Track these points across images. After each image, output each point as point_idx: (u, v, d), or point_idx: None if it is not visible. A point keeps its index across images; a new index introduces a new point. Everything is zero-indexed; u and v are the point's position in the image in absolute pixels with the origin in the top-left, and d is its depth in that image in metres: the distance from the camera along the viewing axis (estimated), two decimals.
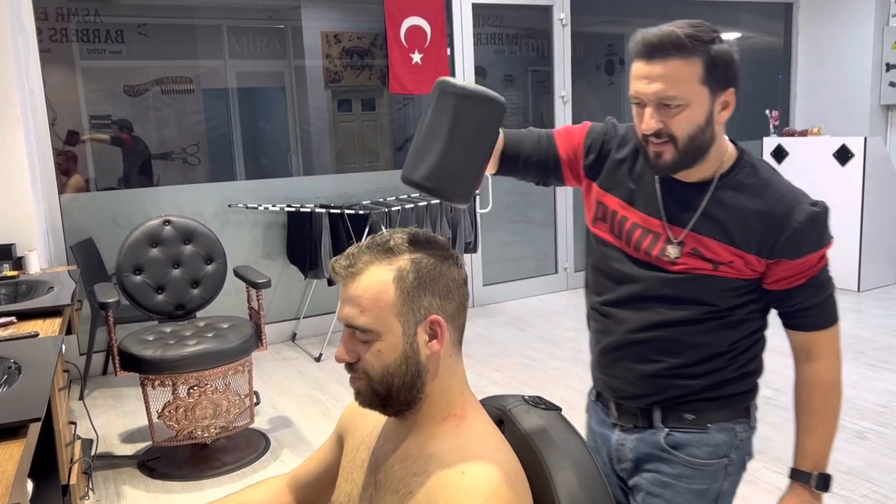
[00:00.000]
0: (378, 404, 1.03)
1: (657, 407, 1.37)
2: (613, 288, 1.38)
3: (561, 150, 1.45)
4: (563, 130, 1.47)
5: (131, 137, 5.19)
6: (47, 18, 4.61)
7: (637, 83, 1.24)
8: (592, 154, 1.42)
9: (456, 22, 5.13)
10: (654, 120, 1.23)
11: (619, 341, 1.38)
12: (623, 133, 1.41)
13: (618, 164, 1.39)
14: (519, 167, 1.45)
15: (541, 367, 4.11)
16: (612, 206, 1.39)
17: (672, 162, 1.25)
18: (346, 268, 1.01)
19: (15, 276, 2.95)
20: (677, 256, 1.30)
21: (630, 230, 1.36)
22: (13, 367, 1.74)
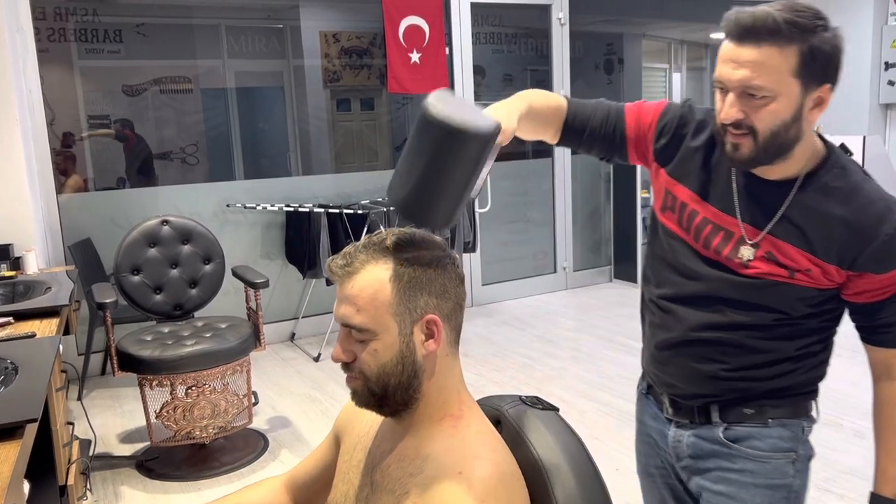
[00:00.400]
0: (374, 404, 1.03)
1: (715, 404, 1.30)
2: (676, 282, 1.30)
3: (629, 129, 1.35)
4: (636, 107, 1.37)
5: (133, 135, 5.19)
6: (45, 18, 4.60)
7: (722, 67, 1.14)
8: (664, 138, 1.32)
9: (454, 21, 5.13)
10: (735, 109, 1.14)
11: (678, 338, 1.31)
12: (700, 118, 1.30)
13: (692, 153, 1.29)
14: (583, 141, 1.38)
15: (539, 366, 4.11)
16: (682, 197, 1.29)
17: (749, 156, 1.16)
18: (342, 267, 1.01)
19: (13, 276, 2.95)
20: (750, 259, 1.22)
21: (700, 225, 1.27)
22: (10, 367, 1.74)
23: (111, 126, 5.12)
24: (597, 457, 1.07)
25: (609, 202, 6.03)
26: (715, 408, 1.30)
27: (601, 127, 1.36)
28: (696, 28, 7.34)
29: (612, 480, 2.98)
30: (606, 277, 6.09)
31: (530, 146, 6.49)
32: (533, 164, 5.95)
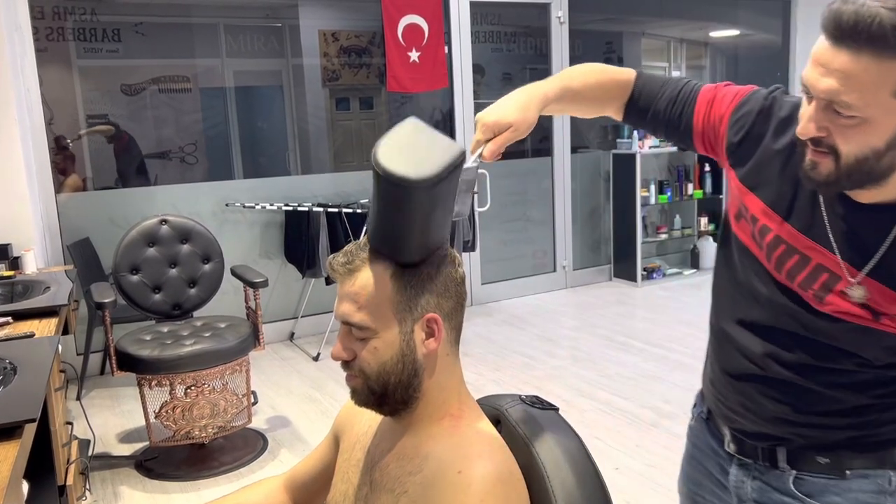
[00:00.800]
0: (374, 403, 1.03)
1: (782, 447, 1.12)
2: (741, 305, 1.13)
3: (696, 117, 1.15)
4: (711, 92, 1.16)
5: (125, 135, 5.17)
6: (44, 17, 4.60)
7: (811, 69, 0.90)
8: (738, 135, 1.10)
9: (454, 20, 5.12)
10: (815, 125, 0.92)
11: (740, 370, 1.13)
12: (786, 114, 1.06)
13: (770, 157, 1.06)
14: (647, 122, 1.22)
15: (540, 365, 4.11)
16: (753, 209, 1.08)
17: (827, 179, 0.94)
18: (343, 265, 1.01)
19: (11, 276, 2.94)
20: (861, 299, 0.99)
21: (772, 244, 1.06)
22: (9, 367, 1.73)
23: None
24: (597, 456, 1.06)
25: (609, 201, 6.02)
26: (782, 451, 1.13)
27: (666, 110, 1.18)
28: (695, 26, 7.33)
29: (611, 480, 3.00)
30: (606, 276, 6.08)
31: (529, 145, 6.48)
32: (532, 162, 5.94)
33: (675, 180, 6.09)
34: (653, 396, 3.57)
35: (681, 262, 6.40)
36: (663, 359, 4.08)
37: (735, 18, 7.05)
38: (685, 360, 3.98)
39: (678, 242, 6.38)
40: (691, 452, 1.33)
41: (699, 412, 1.31)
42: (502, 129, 1.10)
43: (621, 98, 1.22)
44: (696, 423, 1.32)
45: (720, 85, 1.17)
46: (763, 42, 7.12)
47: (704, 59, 7.65)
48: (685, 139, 1.19)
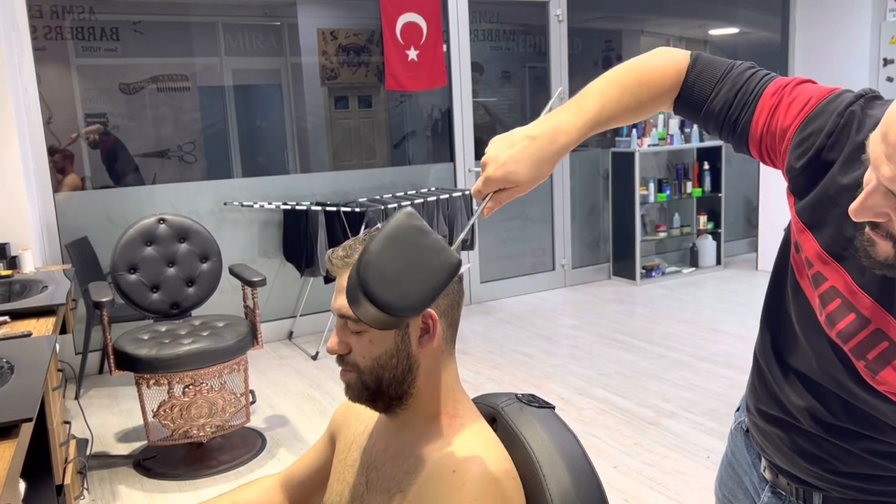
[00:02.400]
0: (368, 398, 1.03)
1: (818, 494, 1.02)
2: (788, 344, 0.98)
3: (755, 127, 0.94)
4: (776, 98, 0.92)
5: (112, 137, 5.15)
6: (42, 16, 4.59)
7: (879, 138, 0.69)
8: (802, 159, 0.88)
9: (452, 18, 5.12)
10: (870, 211, 0.72)
11: (777, 415, 1.02)
12: (864, 138, 0.80)
13: (836, 192, 0.85)
14: (700, 119, 1.02)
15: (539, 364, 4.10)
16: (808, 252, 0.89)
17: (885, 262, 0.77)
18: (342, 258, 1.01)
19: (9, 275, 2.94)
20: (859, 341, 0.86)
21: (825, 297, 0.88)
22: (5, 366, 1.73)
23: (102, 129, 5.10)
24: (595, 454, 1.06)
25: (608, 199, 6.02)
26: (818, 497, 1.03)
27: (721, 112, 0.98)
28: (694, 24, 7.33)
29: (610, 478, 2.99)
30: (605, 275, 6.08)
31: None
32: None
33: (674, 178, 6.09)
34: (652, 395, 3.57)
35: (680, 260, 6.40)
36: (662, 357, 4.07)
37: (734, 16, 7.04)
38: (684, 359, 3.98)
39: (677, 241, 6.38)
40: (729, 458, 1.22)
41: (740, 422, 1.18)
42: (509, 186, 0.97)
43: (672, 91, 1.02)
44: (736, 430, 1.20)
45: (791, 83, 0.93)
46: (762, 40, 7.11)
47: None
48: (741, 146, 0.99)
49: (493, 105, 6.27)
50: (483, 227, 5.26)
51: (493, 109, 6.25)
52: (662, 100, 1.03)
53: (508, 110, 6.50)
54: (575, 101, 1.01)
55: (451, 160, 5.37)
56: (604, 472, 2.94)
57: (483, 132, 6.01)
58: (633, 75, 1.02)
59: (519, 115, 6.58)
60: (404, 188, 5.08)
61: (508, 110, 6.50)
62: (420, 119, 6.15)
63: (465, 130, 5.31)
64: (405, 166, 5.90)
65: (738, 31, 7.22)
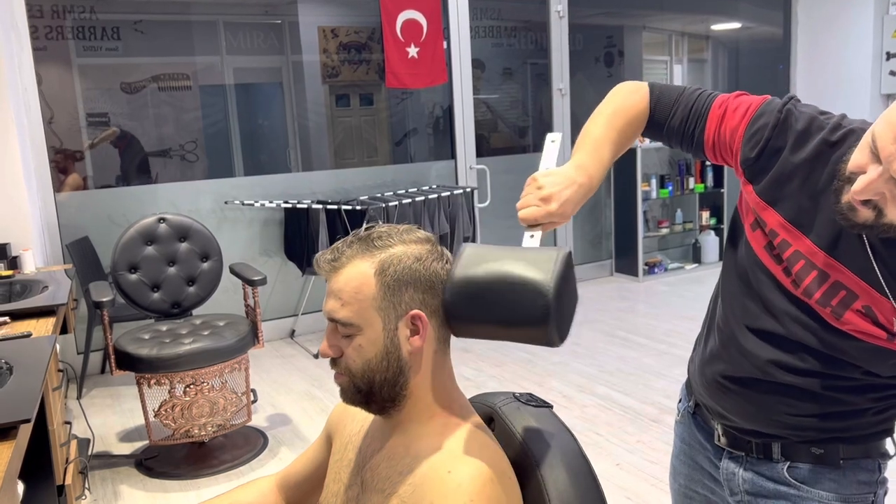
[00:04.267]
0: (361, 401, 1.02)
1: (776, 443, 1.16)
2: (753, 312, 1.13)
3: (708, 133, 1.15)
4: (722, 107, 1.14)
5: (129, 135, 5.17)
6: (43, 16, 4.59)
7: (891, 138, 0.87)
8: (754, 149, 1.09)
9: (452, 15, 5.10)
10: (873, 191, 0.90)
11: (745, 375, 1.14)
12: (803, 127, 1.05)
13: (790, 170, 1.06)
14: (663, 136, 1.22)
15: (540, 361, 4.09)
16: (772, 224, 1.08)
17: (863, 224, 0.95)
18: (329, 262, 1.01)
19: (10, 275, 2.94)
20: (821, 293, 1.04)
21: (792, 259, 1.06)
22: (4, 367, 1.73)
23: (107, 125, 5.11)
24: (597, 452, 1.06)
25: (610, 196, 6.00)
26: (777, 445, 1.16)
27: (680, 127, 1.19)
28: (696, 19, 7.31)
29: (612, 476, 2.98)
30: (607, 271, 6.07)
31: (531, 140, 6.47)
32: (533, 157, 5.91)
33: (676, 174, 6.07)
34: (654, 392, 3.56)
35: (682, 256, 6.39)
36: (665, 354, 4.06)
37: (736, 11, 7.02)
38: (687, 356, 3.95)
39: (680, 237, 6.37)
40: (680, 448, 1.35)
41: (685, 407, 1.34)
42: (560, 221, 1.10)
43: (645, 121, 1.22)
44: (682, 418, 1.35)
45: (731, 96, 1.16)
46: (764, 35, 7.09)
47: (706, 52, 7.62)
48: (698, 152, 1.20)
49: (495, 102, 6.26)
50: (485, 225, 5.25)
51: (494, 106, 6.24)
52: (641, 129, 1.23)
53: (510, 107, 6.48)
54: (593, 149, 1.16)
55: (453, 157, 5.36)
56: (606, 470, 2.94)
57: (484, 129, 6.00)
58: (621, 117, 1.20)
59: (520, 112, 6.56)
60: (406, 186, 5.07)
61: (510, 107, 6.48)
62: (421, 116, 6.14)
63: (466, 128, 5.30)
64: (407, 164, 5.89)
65: (740, 26, 7.20)
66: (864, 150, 0.92)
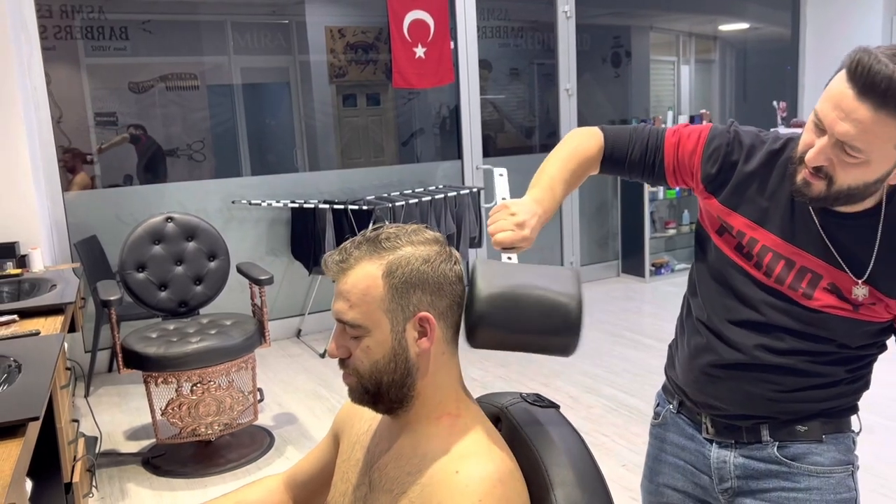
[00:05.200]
0: (369, 401, 1.02)
1: (765, 425, 1.27)
2: (731, 307, 1.25)
3: (667, 159, 1.31)
4: (675, 136, 1.31)
5: (145, 135, 5.20)
6: (52, 16, 4.61)
7: (830, 110, 1.04)
8: (714, 166, 1.25)
9: (459, 15, 5.10)
10: (824, 156, 1.06)
11: (730, 361, 1.25)
12: (749, 143, 1.24)
13: (746, 178, 1.23)
14: (624, 171, 1.37)
15: (546, 362, 4.09)
16: (738, 225, 1.23)
17: (816, 196, 1.10)
18: (337, 263, 1.00)
19: (18, 273, 2.95)
20: (865, 296, 1.15)
21: (761, 253, 1.21)
22: (13, 365, 1.74)
23: (116, 125, 5.13)
24: (603, 453, 1.06)
25: (616, 196, 6.00)
26: (765, 427, 1.27)
27: (641, 160, 1.33)
28: (704, 20, 7.29)
29: (618, 476, 2.97)
30: (614, 272, 6.06)
31: (537, 140, 6.46)
32: (539, 158, 5.85)
33: None
34: None
35: (689, 257, 6.37)
36: None
37: (744, 11, 7.00)
38: None
39: (686, 238, 6.35)
40: (660, 448, 1.43)
41: (666, 409, 1.42)
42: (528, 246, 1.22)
43: (598, 161, 1.37)
44: (663, 420, 1.43)
45: (679, 126, 1.34)
46: (772, 35, 7.07)
47: (713, 52, 7.60)
48: (658, 180, 1.34)
49: (502, 102, 6.26)
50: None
51: (501, 106, 6.24)
52: (594, 168, 1.38)
53: (517, 107, 6.48)
54: (548, 186, 1.31)
55: (459, 158, 5.35)
56: (612, 471, 2.94)
57: (491, 129, 6.00)
58: (575, 160, 1.35)
59: (527, 112, 6.56)
60: (412, 186, 5.07)
61: (517, 107, 6.48)
62: (428, 116, 6.15)
63: (472, 128, 5.30)
64: (413, 164, 5.90)
65: (748, 26, 7.18)
66: (809, 130, 1.09)
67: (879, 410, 3.16)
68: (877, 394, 1.36)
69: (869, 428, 3.19)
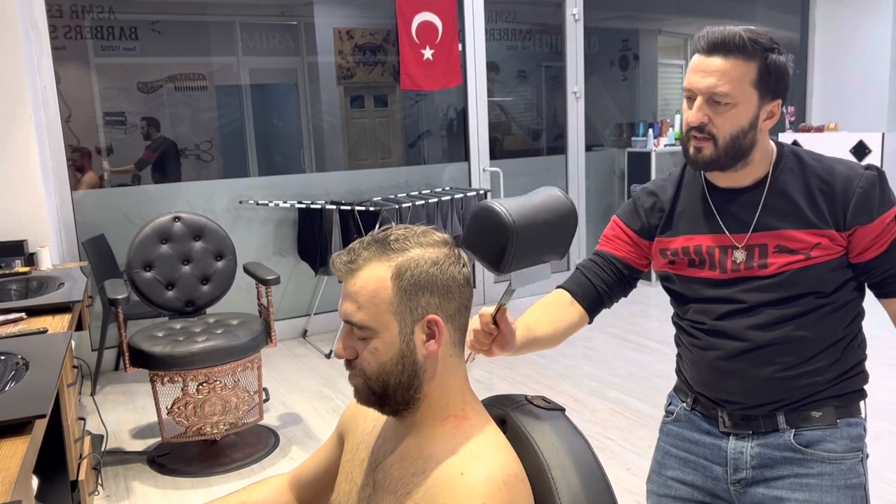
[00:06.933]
0: (375, 403, 1.02)
1: (781, 411, 1.33)
2: (712, 310, 1.37)
3: (624, 259, 1.48)
4: (610, 238, 1.50)
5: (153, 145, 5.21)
6: (62, 16, 4.64)
7: (692, 76, 1.27)
8: (654, 218, 1.44)
9: (468, 17, 5.11)
10: (701, 113, 1.26)
11: (732, 351, 1.34)
12: (658, 185, 1.45)
13: (669, 206, 1.42)
14: (606, 303, 1.51)
15: (552, 364, 4.09)
16: (679, 244, 1.39)
17: (711, 158, 1.28)
18: (346, 263, 1.00)
19: (26, 272, 2.97)
20: (742, 260, 1.32)
21: (707, 254, 1.36)
22: (21, 363, 1.74)
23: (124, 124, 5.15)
24: (608, 456, 1.06)
25: (623, 199, 5.98)
26: (780, 414, 1.33)
27: (611, 281, 1.49)
28: (712, 24, 7.29)
29: (623, 480, 2.96)
30: None
31: (544, 143, 6.46)
32: (546, 160, 5.91)
33: None
34: (666, 397, 3.54)
35: None
36: None
37: (752, 15, 6.98)
38: None
39: None
40: (671, 444, 1.48)
41: (679, 407, 1.49)
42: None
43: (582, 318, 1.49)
44: (676, 417, 1.49)
45: (602, 238, 1.53)
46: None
47: None
48: (635, 273, 1.50)
49: (509, 105, 6.26)
50: None
51: (508, 109, 6.24)
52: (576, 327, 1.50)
53: (524, 110, 6.48)
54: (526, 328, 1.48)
55: (466, 160, 5.36)
56: (617, 474, 2.93)
57: (498, 132, 6.00)
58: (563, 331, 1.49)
59: (535, 115, 6.56)
60: (419, 187, 5.08)
61: (524, 110, 6.48)
62: (435, 118, 6.15)
63: (480, 130, 5.30)
64: (420, 166, 5.90)
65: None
66: (685, 109, 1.30)
67: (887, 416, 3.14)
68: (883, 399, 1.37)
69: (876, 434, 3.18)
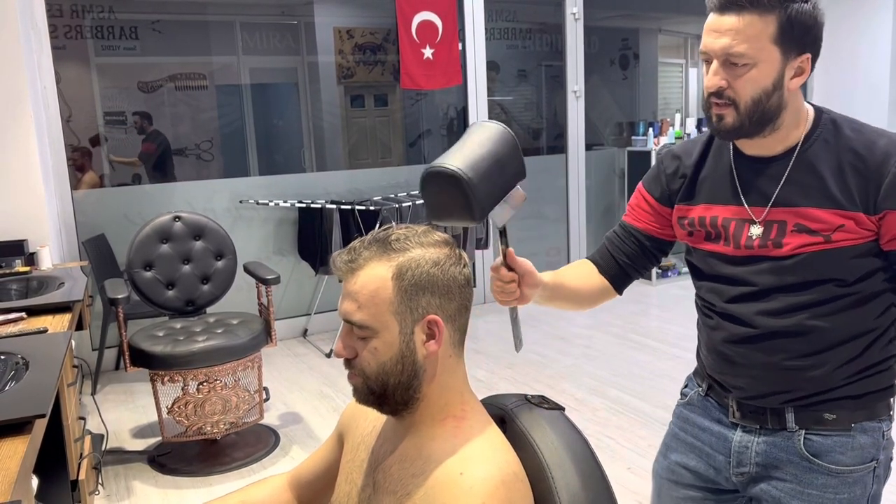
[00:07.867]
0: (374, 402, 1.02)
1: (790, 406, 1.24)
2: (723, 290, 1.29)
3: (645, 230, 1.43)
4: (628, 211, 1.46)
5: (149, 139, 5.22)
6: (62, 15, 4.64)
7: (706, 37, 1.17)
8: (675, 183, 1.37)
9: (468, 16, 5.11)
10: (718, 77, 1.16)
11: (739, 336, 1.26)
12: (684, 148, 1.37)
13: (692, 171, 1.34)
14: (632, 275, 1.47)
15: (553, 363, 4.09)
16: (696, 214, 1.31)
17: (733, 126, 1.17)
18: (346, 262, 1.00)
19: (27, 271, 2.97)
20: (758, 236, 1.22)
21: (724, 224, 1.27)
22: (21, 362, 1.74)
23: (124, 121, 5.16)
24: (608, 456, 1.06)
25: (623, 198, 5.98)
26: (790, 410, 1.24)
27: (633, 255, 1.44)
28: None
29: (623, 479, 2.96)
30: None
31: (544, 142, 6.46)
32: (547, 160, 5.91)
33: None
34: (666, 396, 3.54)
35: None
36: (677, 358, 4.04)
37: None
38: None
39: None
40: (676, 432, 1.45)
41: (694, 391, 1.42)
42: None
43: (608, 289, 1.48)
44: (689, 401, 1.44)
45: (629, 206, 1.48)
46: None
47: None
48: (664, 246, 1.44)
49: (509, 104, 6.26)
50: None
51: (508, 108, 6.23)
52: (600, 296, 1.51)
53: (524, 109, 6.48)
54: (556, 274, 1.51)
55: None
56: (617, 474, 2.93)
57: None
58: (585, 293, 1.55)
59: (535, 114, 6.56)
60: (419, 187, 5.07)
61: (524, 109, 6.48)
62: (435, 118, 6.15)
63: None
64: (420, 165, 5.90)
65: None
66: (703, 70, 1.20)
67: None
68: None
69: None
